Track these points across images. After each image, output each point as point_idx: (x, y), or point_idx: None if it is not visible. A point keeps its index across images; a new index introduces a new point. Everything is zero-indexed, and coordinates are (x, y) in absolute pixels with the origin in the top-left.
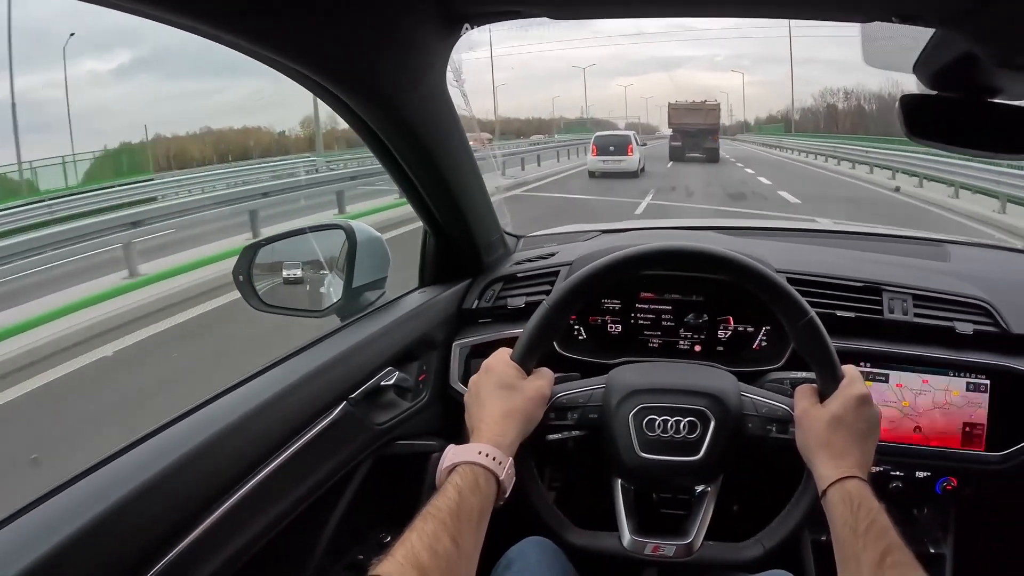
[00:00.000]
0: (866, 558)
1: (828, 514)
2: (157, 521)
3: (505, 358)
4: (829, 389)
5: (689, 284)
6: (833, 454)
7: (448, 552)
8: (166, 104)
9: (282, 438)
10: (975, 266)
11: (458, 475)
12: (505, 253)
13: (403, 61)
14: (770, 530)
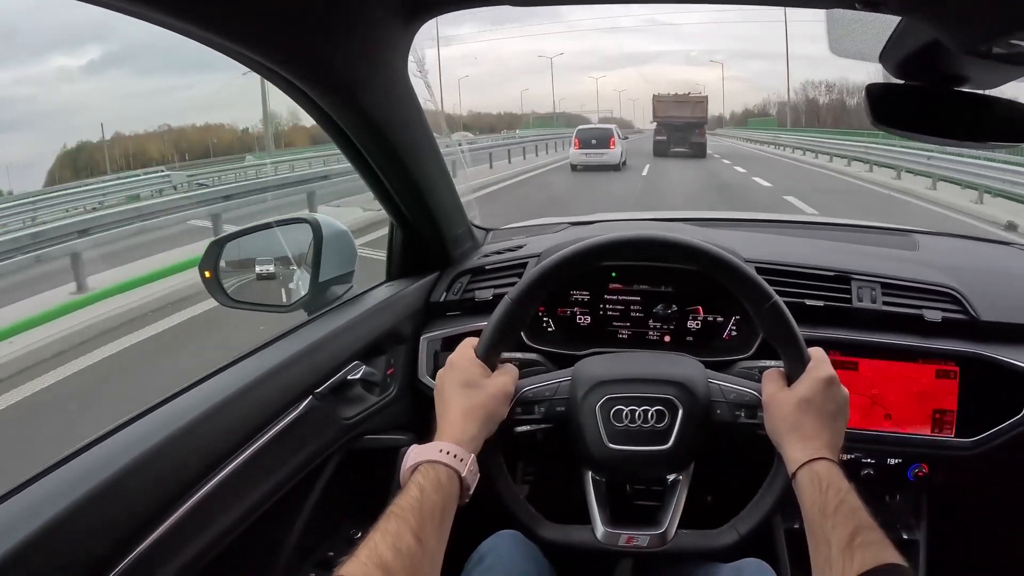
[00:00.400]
0: (836, 538)
1: (798, 496)
2: (119, 519)
3: (469, 354)
4: (796, 372)
5: (658, 275)
6: (802, 436)
7: (412, 550)
8: (137, 100)
9: (247, 434)
10: (943, 255)
11: (420, 474)
12: (473, 246)
13: (362, 50)
14: (744, 516)
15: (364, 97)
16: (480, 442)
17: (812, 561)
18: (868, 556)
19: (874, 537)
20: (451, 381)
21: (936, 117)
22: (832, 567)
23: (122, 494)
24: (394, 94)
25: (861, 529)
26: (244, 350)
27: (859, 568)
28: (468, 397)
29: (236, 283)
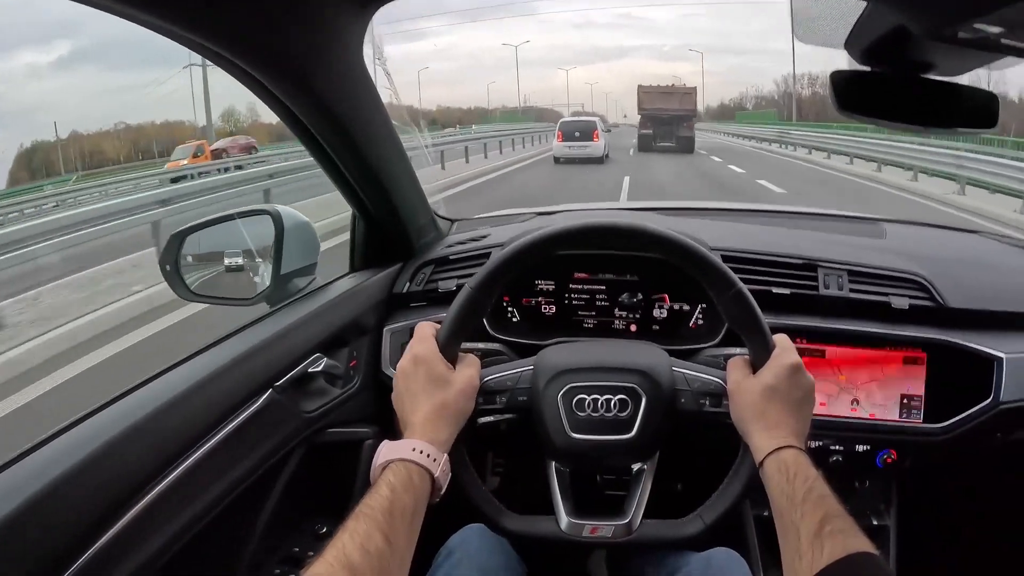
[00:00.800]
0: (804, 527)
1: (766, 485)
2: (72, 518)
3: (433, 346)
4: (761, 360)
5: (623, 263)
6: (767, 424)
7: (381, 551)
8: (106, 97)
9: (205, 428)
10: (911, 243)
11: (391, 472)
12: (437, 236)
13: (315, 36)
14: (710, 505)
15: (318, 84)
16: (452, 442)
17: (781, 550)
18: (838, 545)
19: (843, 525)
20: (418, 377)
21: (902, 104)
22: (802, 557)
23: (75, 492)
24: (350, 81)
25: (830, 517)
26: (201, 344)
27: (829, 557)
28: (438, 393)
29: (197, 276)
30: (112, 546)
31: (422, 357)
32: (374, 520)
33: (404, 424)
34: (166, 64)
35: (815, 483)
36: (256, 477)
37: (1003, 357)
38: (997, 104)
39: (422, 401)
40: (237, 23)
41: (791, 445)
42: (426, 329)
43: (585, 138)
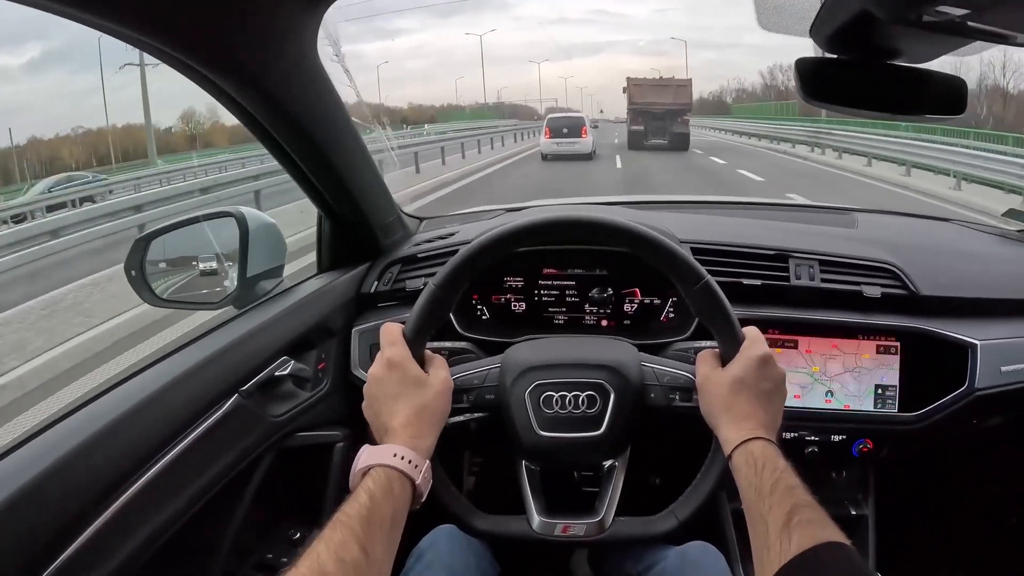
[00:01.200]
0: (773, 518)
1: (735, 477)
2: (38, 528)
3: (405, 350)
4: (730, 352)
5: (592, 258)
6: (736, 417)
7: (356, 561)
8: (77, 99)
9: (169, 435)
10: (883, 232)
11: (371, 479)
12: (405, 235)
13: (265, 34)
14: (683, 501)
15: (271, 84)
16: (433, 448)
17: (751, 542)
18: (806, 535)
19: (812, 515)
20: (394, 381)
21: (870, 91)
22: (770, 548)
23: (39, 502)
24: (304, 80)
25: (799, 508)
26: (165, 350)
27: (797, 548)
28: (416, 397)
29: (163, 281)
30: (79, 556)
31: (395, 361)
32: (351, 529)
33: (383, 430)
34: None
35: (783, 474)
36: (225, 483)
37: (977, 344)
38: (966, 90)
39: (402, 405)
40: (186, 25)
41: (760, 437)
42: (393, 331)
43: (573, 134)
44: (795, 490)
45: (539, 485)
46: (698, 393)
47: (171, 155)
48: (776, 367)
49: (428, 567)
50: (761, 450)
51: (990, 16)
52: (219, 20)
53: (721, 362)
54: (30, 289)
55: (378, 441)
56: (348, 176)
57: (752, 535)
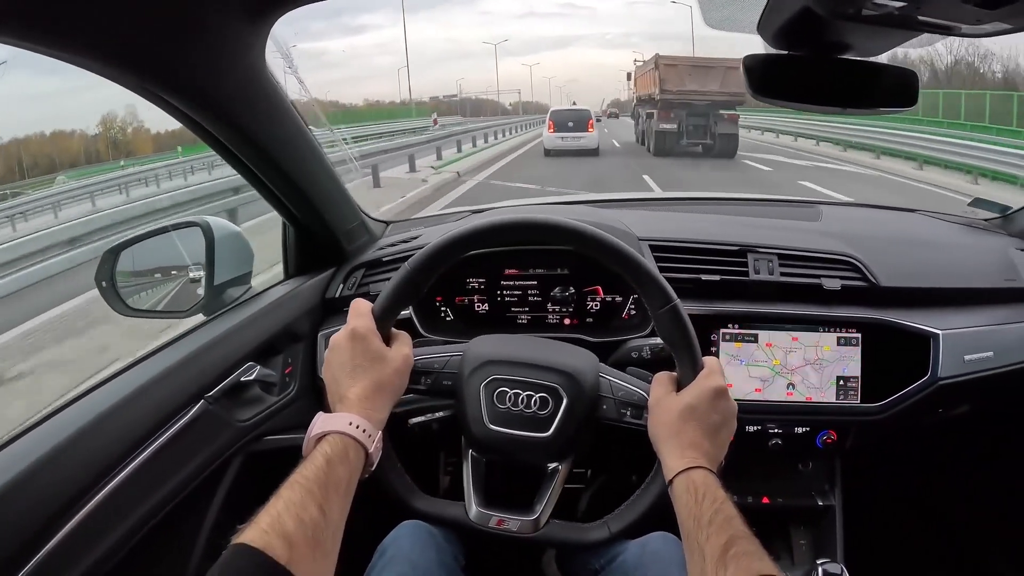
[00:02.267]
0: (709, 549)
1: (674, 504)
2: (3, 539)
3: (370, 323)
4: (687, 379)
5: (553, 258)
6: (681, 444)
7: (315, 520)
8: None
9: (134, 443)
10: (845, 224)
11: (327, 444)
12: (369, 240)
13: (210, 49)
14: (618, 514)
15: (221, 97)
16: (386, 420)
17: (688, 571)
18: (742, 567)
19: (748, 547)
20: (356, 353)
21: (819, 85)
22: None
23: (6, 511)
24: (255, 94)
25: (736, 539)
26: (131, 359)
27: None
28: (374, 370)
29: (133, 291)
30: (46, 565)
31: (360, 333)
32: (308, 491)
33: (338, 398)
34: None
35: (722, 505)
36: (193, 488)
37: (939, 333)
38: (916, 81)
39: (359, 377)
40: (134, 47)
41: (701, 466)
42: (362, 305)
43: (579, 128)
44: (733, 521)
45: (481, 476)
46: (649, 414)
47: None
48: (729, 401)
49: (391, 562)
50: (703, 479)
51: (928, 8)
52: (166, 41)
53: (677, 387)
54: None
55: (332, 407)
56: (307, 184)
57: (689, 564)
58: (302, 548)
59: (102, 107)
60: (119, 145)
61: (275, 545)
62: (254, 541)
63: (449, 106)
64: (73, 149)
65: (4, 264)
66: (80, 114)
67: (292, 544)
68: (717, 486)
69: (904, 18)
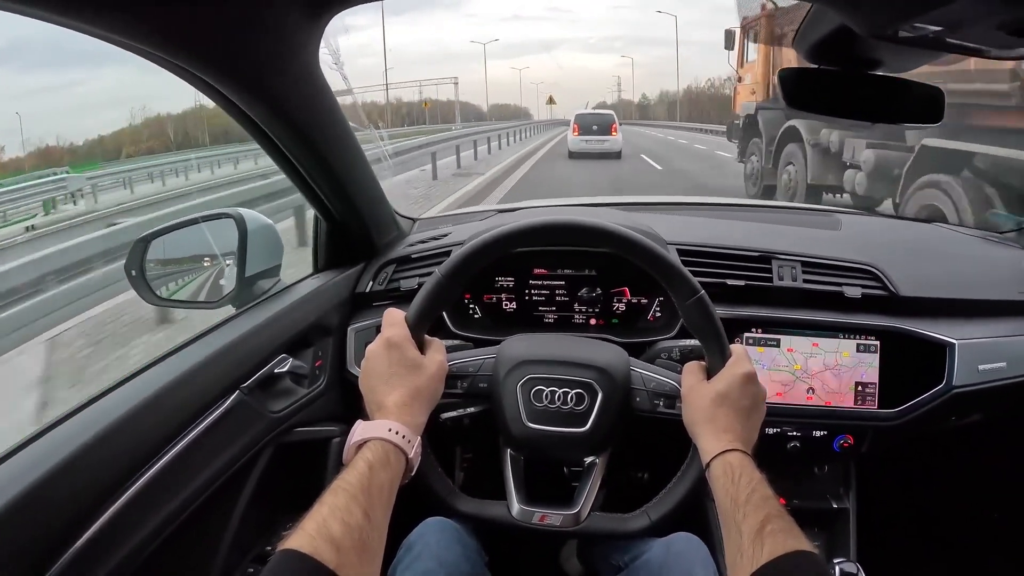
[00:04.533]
0: (746, 527)
1: (712, 486)
2: (46, 524)
3: (405, 331)
4: (716, 367)
5: (582, 259)
6: (716, 429)
7: (360, 525)
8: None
9: (175, 430)
10: (865, 234)
11: (369, 451)
12: (399, 235)
13: (269, 42)
14: (657, 502)
15: (275, 90)
16: (424, 426)
17: (725, 549)
18: (778, 543)
19: (784, 525)
20: (392, 361)
21: (850, 99)
22: (743, 555)
23: (48, 498)
24: (306, 87)
25: (771, 517)
26: (167, 348)
27: (768, 555)
28: (411, 378)
29: (163, 281)
30: (86, 551)
31: (395, 341)
32: (352, 495)
33: (376, 406)
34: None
35: (758, 485)
36: (226, 478)
37: (955, 343)
38: (943, 98)
39: (396, 384)
40: (195, 36)
41: (737, 449)
42: (396, 315)
43: (603, 131)
44: (769, 501)
45: (521, 474)
46: (682, 402)
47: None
48: (758, 386)
49: (417, 558)
50: (739, 461)
51: (962, 33)
52: (226, 31)
53: (707, 375)
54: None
55: (370, 415)
56: (346, 179)
57: (726, 541)
58: (349, 552)
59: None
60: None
61: (323, 550)
62: (302, 547)
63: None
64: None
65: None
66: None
67: (339, 548)
68: (752, 467)
69: (936, 40)
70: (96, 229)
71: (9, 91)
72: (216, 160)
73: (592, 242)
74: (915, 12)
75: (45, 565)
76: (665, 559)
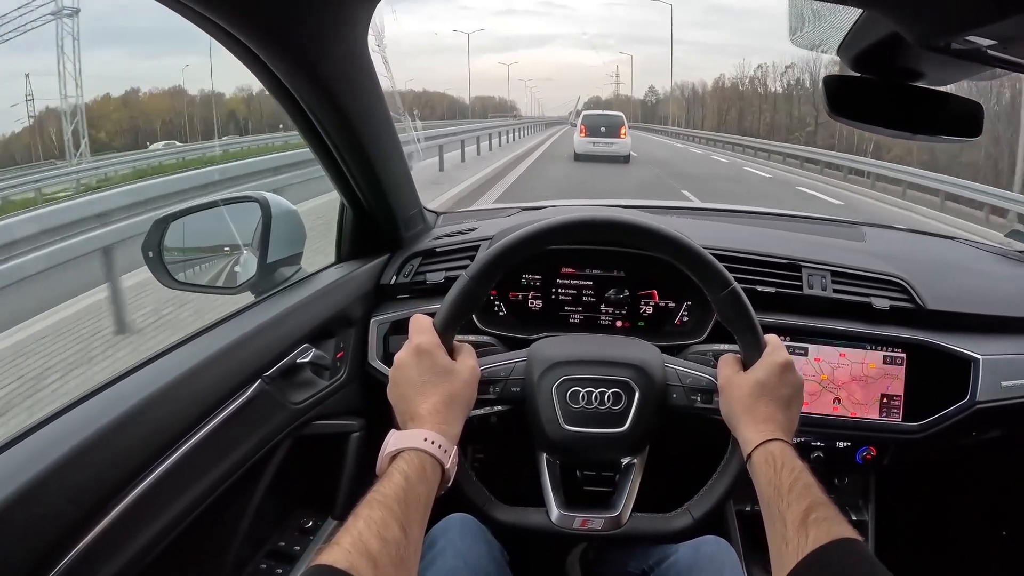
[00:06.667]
0: (791, 515)
1: (753, 476)
2: (62, 510)
3: (435, 337)
4: (752, 357)
5: (610, 259)
6: (756, 419)
7: (397, 539)
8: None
9: (195, 418)
10: (890, 246)
11: (404, 461)
12: (424, 228)
13: (322, 20)
14: (698, 499)
15: (323, 70)
16: (460, 434)
17: (768, 539)
18: (822, 531)
19: (828, 513)
20: (424, 368)
21: (891, 110)
22: (788, 544)
23: (64, 483)
24: (353, 69)
25: (816, 506)
26: (188, 332)
27: (813, 543)
28: (445, 384)
29: (181, 263)
30: (102, 539)
31: (425, 348)
32: (389, 508)
33: (409, 416)
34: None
35: (801, 474)
36: (244, 469)
37: (979, 358)
38: (982, 113)
39: (429, 392)
40: (250, 5)
41: (778, 438)
42: (423, 321)
43: (611, 134)
44: (812, 489)
45: (559, 478)
46: (720, 395)
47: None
48: (795, 374)
49: (441, 553)
50: (780, 451)
51: (1014, 48)
52: (282, 7)
53: (743, 366)
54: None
55: (403, 425)
56: (381, 167)
57: (769, 531)
58: (387, 568)
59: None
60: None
61: (360, 565)
62: (338, 562)
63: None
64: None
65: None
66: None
67: (377, 564)
68: (794, 456)
69: (984, 54)
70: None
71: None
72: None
73: (618, 237)
74: (973, 24)
75: (57, 554)
76: (694, 562)
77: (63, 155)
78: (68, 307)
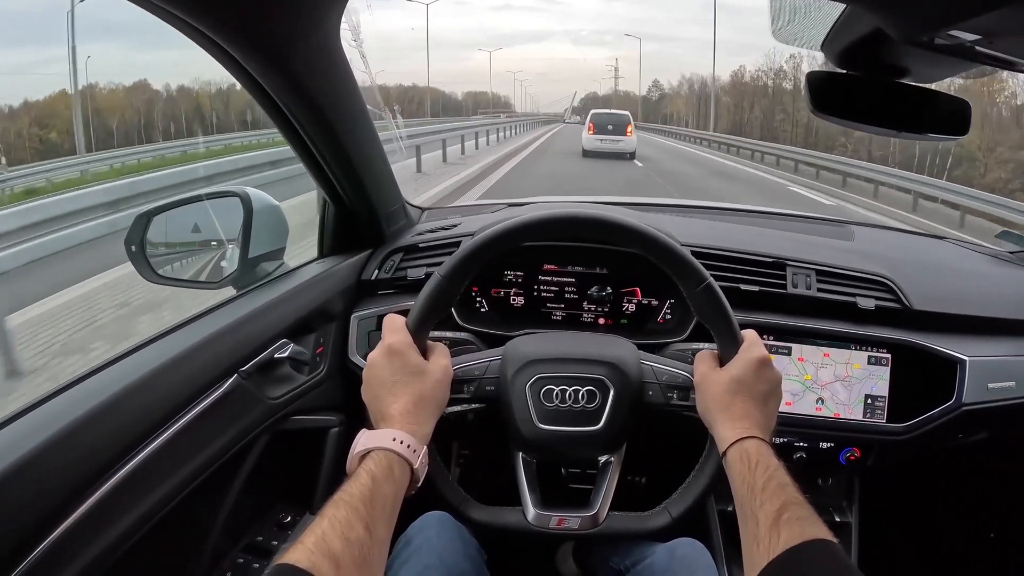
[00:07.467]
0: (763, 514)
1: (728, 474)
2: (32, 504)
3: (407, 337)
4: (729, 354)
5: (593, 256)
6: (732, 416)
7: (361, 540)
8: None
9: (170, 411)
10: (878, 246)
11: (372, 461)
12: (407, 224)
13: (294, 16)
14: (676, 498)
15: (295, 65)
16: (431, 434)
17: (741, 538)
18: (795, 531)
19: (802, 513)
20: (395, 368)
21: (877, 107)
22: (759, 543)
23: (34, 477)
24: (327, 64)
25: (789, 505)
26: (165, 326)
27: (785, 544)
28: (415, 384)
29: (163, 258)
30: (73, 532)
31: (396, 348)
32: (354, 508)
33: (380, 416)
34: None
35: (775, 472)
36: (220, 463)
37: (966, 360)
38: (969, 112)
39: (400, 392)
40: (218, 2)
41: (754, 436)
42: (396, 320)
43: (618, 132)
44: (786, 488)
45: (535, 478)
46: (696, 391)
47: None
48: (773, 370)
49: (416, 552)
50: (755, 448)
51: (999, 43)
52: (252, 2)
53: (719, 362)
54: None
55: (375, 425)
56: (360, 163)
57: (742, 530)
58: (350, 568)
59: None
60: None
61: (321, 566)
62: (299, 561)
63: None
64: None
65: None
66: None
67: (339, 564)
68: (770, 454)
69: (969, 50)
70: None
71: None
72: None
73: (590, 233)
74: (956, 18)
75: (29, 545)
76: (669, 564)
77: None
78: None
